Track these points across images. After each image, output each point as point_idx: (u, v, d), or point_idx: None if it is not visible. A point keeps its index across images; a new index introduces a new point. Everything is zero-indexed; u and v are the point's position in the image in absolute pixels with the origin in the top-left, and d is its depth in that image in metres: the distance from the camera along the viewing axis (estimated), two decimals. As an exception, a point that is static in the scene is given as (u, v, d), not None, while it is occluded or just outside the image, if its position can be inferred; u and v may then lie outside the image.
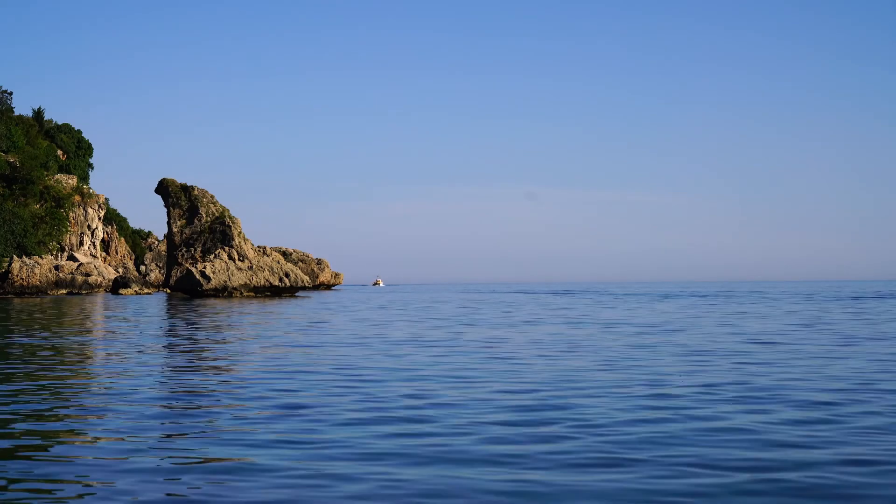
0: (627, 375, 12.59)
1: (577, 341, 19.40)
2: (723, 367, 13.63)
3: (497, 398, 10.35)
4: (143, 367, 14.11)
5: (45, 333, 22.79)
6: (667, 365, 14.08)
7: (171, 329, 25.10)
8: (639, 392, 10.80)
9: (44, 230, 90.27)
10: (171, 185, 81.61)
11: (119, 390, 11.23)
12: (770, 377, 12.33)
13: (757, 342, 18.95)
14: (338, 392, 10.87)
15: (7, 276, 79.44)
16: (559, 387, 11.30)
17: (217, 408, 9.84)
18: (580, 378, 12.28)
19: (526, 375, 12.67)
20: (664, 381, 11.84)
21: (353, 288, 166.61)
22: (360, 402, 10.06)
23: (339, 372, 13.15)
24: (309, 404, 9.87)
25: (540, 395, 10.60)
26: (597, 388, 11.14)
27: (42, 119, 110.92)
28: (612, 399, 10.23)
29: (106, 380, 12.47)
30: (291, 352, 16.91)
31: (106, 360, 15.67)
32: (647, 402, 9.92)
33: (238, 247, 75.18)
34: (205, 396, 10.73)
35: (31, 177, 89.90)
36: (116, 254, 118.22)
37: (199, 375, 13.03)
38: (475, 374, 12.85)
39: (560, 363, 14.48)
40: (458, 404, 9.87)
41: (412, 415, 9.15)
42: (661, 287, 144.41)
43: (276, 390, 11.04)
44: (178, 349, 18.32)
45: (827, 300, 54.01)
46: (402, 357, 15.65)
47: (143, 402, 10.17)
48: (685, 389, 11.01)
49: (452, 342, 19.33)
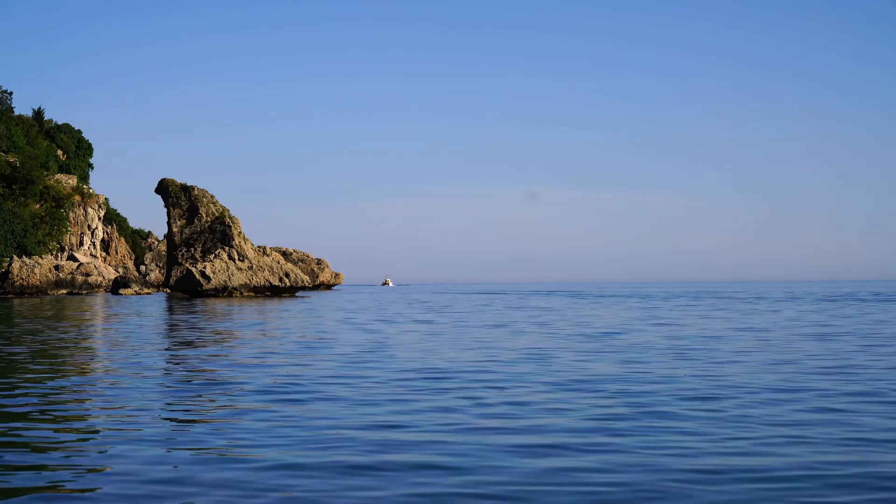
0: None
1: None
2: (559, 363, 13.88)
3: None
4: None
5: (61, 335, 22.96)
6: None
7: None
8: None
9: (44, 230, 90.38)
10: (171, 185, 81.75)
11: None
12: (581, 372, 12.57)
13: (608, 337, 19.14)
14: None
15: (7, 276, 79.56)
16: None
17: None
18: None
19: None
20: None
21: (361, 288, 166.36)
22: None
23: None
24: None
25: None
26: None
27: (42, 119, 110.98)
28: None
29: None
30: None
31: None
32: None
33: (238, 247, 75.33)
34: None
35: (31, 177, 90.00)
36: (116, 254, 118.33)
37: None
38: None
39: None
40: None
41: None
42: (658, 288, 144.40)
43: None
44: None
45: (804, 301, 54.13)
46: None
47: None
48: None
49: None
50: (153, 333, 23.03)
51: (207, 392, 11.11)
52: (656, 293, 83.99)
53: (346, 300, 61.67)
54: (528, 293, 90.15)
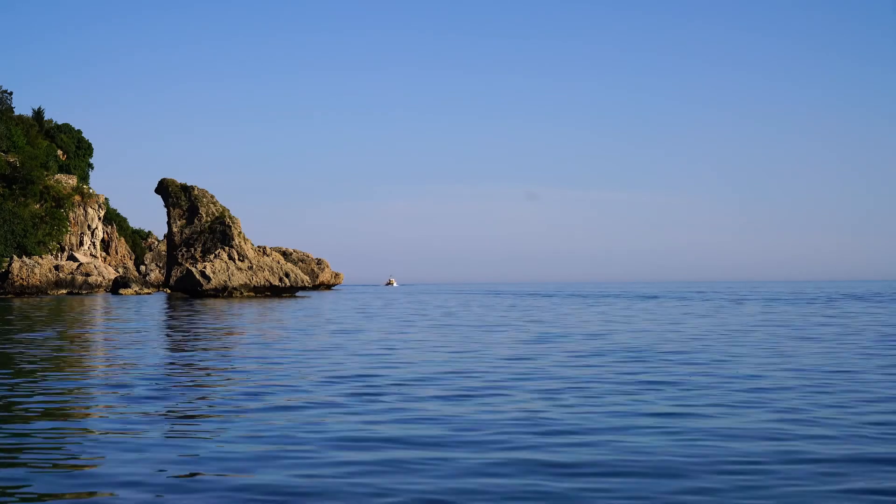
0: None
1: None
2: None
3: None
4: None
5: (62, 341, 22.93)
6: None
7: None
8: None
9: (44, 230, 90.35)
10: (171, 185, 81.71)
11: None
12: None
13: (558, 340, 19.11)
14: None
15: (7, 276, 79.53)
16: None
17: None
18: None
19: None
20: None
21: (366, 288, 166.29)
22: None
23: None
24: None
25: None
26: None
27: (42, 119, 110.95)
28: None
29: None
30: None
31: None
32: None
33: (238, 247, 75.29)
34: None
35: (31, 177, 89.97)
36: (116, 254, 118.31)
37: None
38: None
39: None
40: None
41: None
42: (657, 288, 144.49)
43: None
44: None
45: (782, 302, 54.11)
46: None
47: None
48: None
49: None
50: (153, 333, 23.00)
51: (207, 392, 11.07)
52: (669, 293, 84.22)
53: (367, 299, 61.60)
54: (540, 294, 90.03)
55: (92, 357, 16.58)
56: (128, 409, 9.61)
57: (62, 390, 11.19)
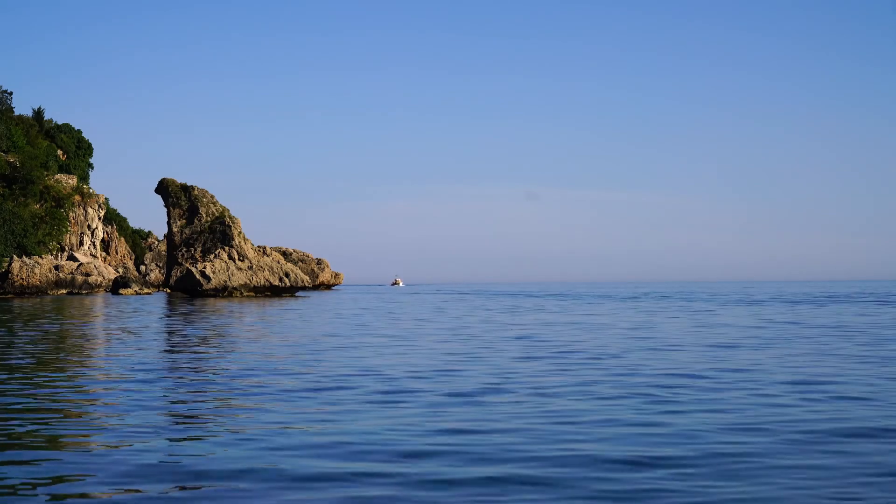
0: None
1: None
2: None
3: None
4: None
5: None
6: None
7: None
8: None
9: (44, 230, 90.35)
10: (171, 184, 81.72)
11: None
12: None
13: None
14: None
15: (7, 276, 79.53)
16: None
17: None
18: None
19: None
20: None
21: (368, 288, 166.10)
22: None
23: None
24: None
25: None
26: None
27: (42, 119, 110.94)
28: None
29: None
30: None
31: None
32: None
33: (238, 247, 75.30)
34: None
35: (31, 177, 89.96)
36: (116, 254, 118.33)
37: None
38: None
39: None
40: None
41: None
42: (656, 288, 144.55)
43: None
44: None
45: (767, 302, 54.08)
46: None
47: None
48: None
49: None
50: (152, 334, 23.00)
51: (207, 392, 11.06)
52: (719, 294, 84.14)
53: (390, 307, 61.43)
54: (547, 295, 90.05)
55: (90, 357, 16.57)
56: (127, 410, 9.60)
57: (58, 389, 11.19)
